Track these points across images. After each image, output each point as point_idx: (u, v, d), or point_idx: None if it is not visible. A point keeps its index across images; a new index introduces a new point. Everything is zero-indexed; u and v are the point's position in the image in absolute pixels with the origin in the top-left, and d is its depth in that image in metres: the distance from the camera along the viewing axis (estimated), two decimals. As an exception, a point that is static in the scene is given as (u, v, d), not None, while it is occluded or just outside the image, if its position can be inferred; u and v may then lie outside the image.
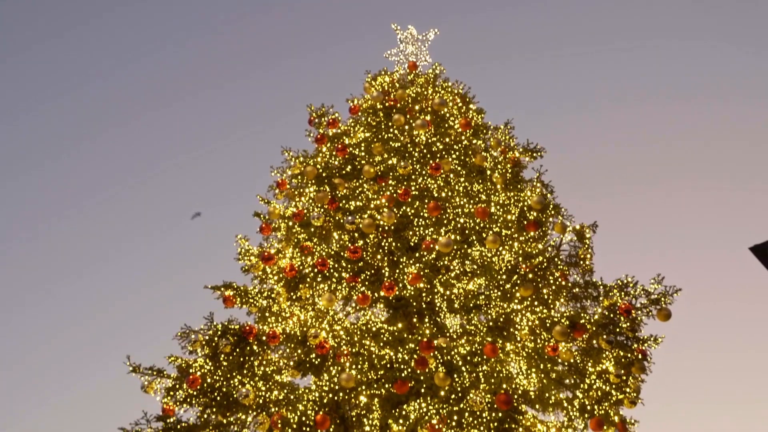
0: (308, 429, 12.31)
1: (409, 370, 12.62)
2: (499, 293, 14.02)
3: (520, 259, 14.12)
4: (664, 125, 43.01)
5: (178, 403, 12.96)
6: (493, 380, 12.88)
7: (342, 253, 14.46)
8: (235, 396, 12.68)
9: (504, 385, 12.91)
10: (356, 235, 14.64)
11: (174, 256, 44.46)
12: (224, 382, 12.89)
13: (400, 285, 14.11)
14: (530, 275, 13.77)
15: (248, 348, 13.17)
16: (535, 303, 13.75)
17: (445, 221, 14.91)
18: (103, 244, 45.44)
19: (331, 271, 14.33)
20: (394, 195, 15.02)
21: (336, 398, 12.56)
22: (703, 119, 41.65)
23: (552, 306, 13.89)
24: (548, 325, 13.47)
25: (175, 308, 40.30)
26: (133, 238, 44.75)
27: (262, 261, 14.84)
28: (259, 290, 15.01)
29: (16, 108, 44.72)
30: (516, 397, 13.29)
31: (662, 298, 13.84)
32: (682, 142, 41.96)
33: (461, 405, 12.56)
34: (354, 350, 13.34)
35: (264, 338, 13.21)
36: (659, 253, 39.31)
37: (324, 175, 15.82)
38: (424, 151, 15.91)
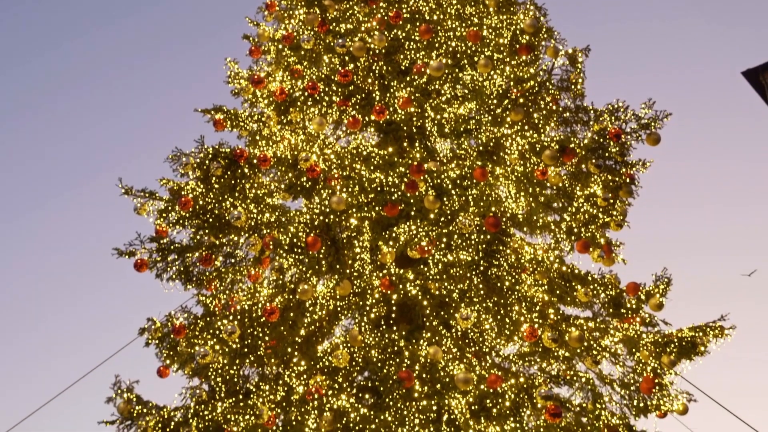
0: (299, 250, 12.48)
1: (399, 193, 12.71)
2: (490, 117, 13.97)
3: (512, 83, 13.99)
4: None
5: (170, 225, 13.08)
6: (482, 203, 13.03)
7: (332, 77, 14.26)
8: (227, 218, 12.81)
9: (493, 208, 13.08)
10: (347, 58, 14.42)
11: (164, 79, 44.16)
12: (216, 205, 12.95)
13: (391, 109, 14.03)
14: (521, 99, 13.68)
15: (239, 171, 13.16)
16: (526, 127, 13.74)
17: (437, 44, 14.64)
18: (95, 70, 45.08)
19: (322, 94, 14.18)
20: (385, 18, 14.70)
21: (327, 220, 12.69)
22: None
23: (542, 130, 13.87)
24: (538, 149, 13.49)
25: (166, 131, 40.36)
26: (124, 61, 44.38)
27: (252, 84, 14.67)
28: (250, 114, 14.95)
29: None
30: (504, 219, 13.50)
31: (652, 123, 13.84)
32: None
33: (450, 227, 12.74)
34: (345, 174, 13.43)
35: (255, 161, 13.16)
36: (651, 77, 39.16)
37: (314, -4, 15.41)
38: (416, -29, 15.44)
